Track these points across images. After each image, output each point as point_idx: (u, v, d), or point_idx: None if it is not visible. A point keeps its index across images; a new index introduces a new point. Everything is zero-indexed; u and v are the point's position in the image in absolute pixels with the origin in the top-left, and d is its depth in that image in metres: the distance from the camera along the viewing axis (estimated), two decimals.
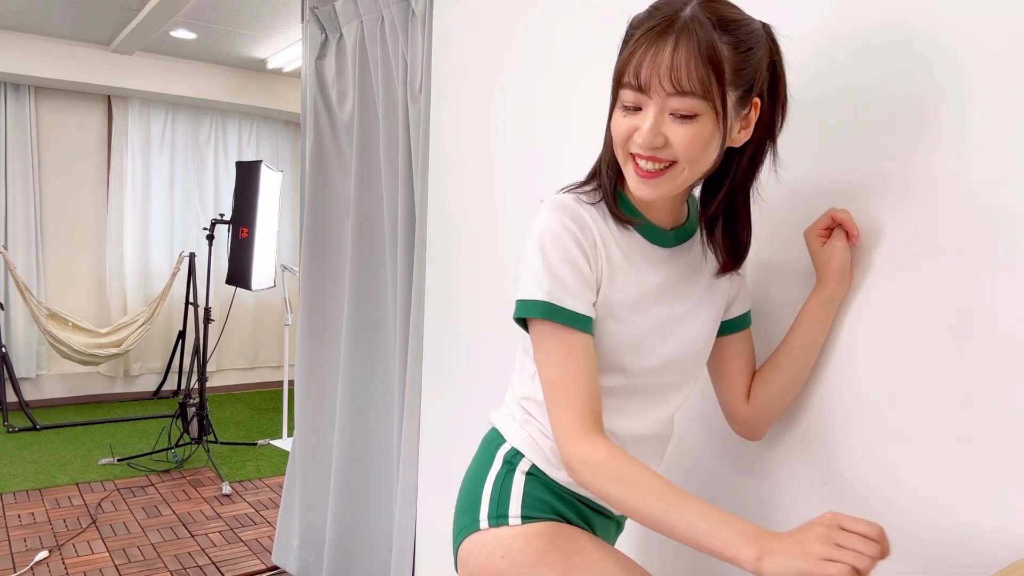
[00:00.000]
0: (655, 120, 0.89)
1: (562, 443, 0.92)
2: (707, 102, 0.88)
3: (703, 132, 0.89)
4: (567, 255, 0.95)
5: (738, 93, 0.91)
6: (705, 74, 0.86)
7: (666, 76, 0.87)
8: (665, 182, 0.93)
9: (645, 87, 0.89)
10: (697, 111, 0.88)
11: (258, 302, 6.30)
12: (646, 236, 1.03)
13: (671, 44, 0.87)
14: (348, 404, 2.50)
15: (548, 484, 1.04)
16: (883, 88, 1.09)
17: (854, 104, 1.13)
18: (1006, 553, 0.95)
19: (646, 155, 0.92)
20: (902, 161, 1.06)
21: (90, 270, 5.71)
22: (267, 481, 4.00)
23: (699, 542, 0.81)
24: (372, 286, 2.49)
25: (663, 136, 0.90)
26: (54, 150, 5.53)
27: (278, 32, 4.78)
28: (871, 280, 1.10)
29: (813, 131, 1.18)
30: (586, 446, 0.90)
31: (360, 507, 2.51)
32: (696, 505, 0.82)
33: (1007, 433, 0.95)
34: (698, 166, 0.93)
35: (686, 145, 0.90)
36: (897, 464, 1.07)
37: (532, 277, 0.96)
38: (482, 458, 1.10)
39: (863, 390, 1.11)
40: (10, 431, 4.76)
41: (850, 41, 1.13)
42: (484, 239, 1.91)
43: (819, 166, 1.18)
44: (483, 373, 1.91)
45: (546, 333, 0.95)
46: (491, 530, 1.02)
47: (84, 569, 2.90)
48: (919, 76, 1.05)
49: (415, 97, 2.19)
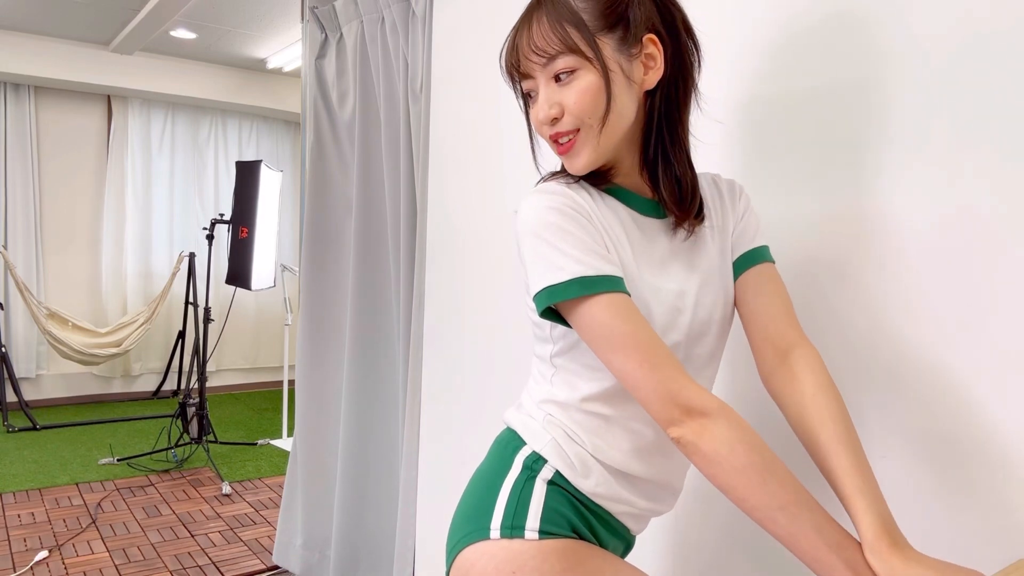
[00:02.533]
0: (544, 93, 0.92)
1: (663, 418, 0.86)
2: (575, 54, 0.89)
3: (587, 85, 0.90)
4: (567, 228, 0.91)
5: (616, 35, 0.91)
6: (561, 29, 0.89)
7: (531, 51, 0.91)
8: (584, 146, 0.93)
9: (525, 70, 0.93)
10: (572, 66, 0.90)
11: (258, 302, 6.30)
12: (634, 207, 1.00)
13: (532, 23, 0.92)
14: (352, 402, 2.50)
15: (570, 495, 0.97)
16: (879, 86, 1.09)
17: (846, 101, 1.13)
18: (1006, 553, 0.95)
19: (552, 133, 0.94)
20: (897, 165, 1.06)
21: (90, 270, 5.71)
22: (267, 481, 4.00)
23: (800, 554, 0.81)
24: (374, 285, 2.49)
25: (557, 105, 0.92)
26: (54, 150, 5.53)
27: (278, 32, 4.78)
28: (871, 279, 1.10)
29: (812, 132, 1.18)
30: (695, 422, 0.84)
31: (366, 506, 2.51)
32: (817, 516, 0.81)
33: (1007, 433, 0.95)
34: (609, 121, 0.92)
35: (576, 102, 0.91)
36: (897, 464, 1.07)
37: (544, 263, 0.90)
38: (497, 461, 1.02)
39: (863, 390, 1.11)
40: (10, 431, 4.76)
41: (844, 31, 1.13)
42: (484, 239, 1.91)
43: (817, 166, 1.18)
44: (483, 372, 1.91)
45: (588, 309, 0.88)
46: (502, 541, 0.94)
47: (84, 569, 2.90)
48: (919, 77, 1.05)
49: (416, 97, 2.19)
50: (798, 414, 0.95)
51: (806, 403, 0.95)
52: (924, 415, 1.04)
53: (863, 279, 1.11)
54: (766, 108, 1.25)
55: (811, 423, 0.93)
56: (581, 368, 0.99)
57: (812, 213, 1.18)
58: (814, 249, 1.18)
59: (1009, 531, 0.95)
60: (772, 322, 1.01)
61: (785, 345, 1.00)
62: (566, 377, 1.00)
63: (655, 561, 1.44)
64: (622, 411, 0.99)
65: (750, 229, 1.06)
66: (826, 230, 1.16)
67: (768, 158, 1.25)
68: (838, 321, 1.14)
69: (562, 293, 0.89)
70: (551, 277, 0.89)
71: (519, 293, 1.79)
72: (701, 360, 1.02)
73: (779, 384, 0.99)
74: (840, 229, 1.15)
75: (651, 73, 0.94)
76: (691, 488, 1.38)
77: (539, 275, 0.91)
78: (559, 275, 0.89)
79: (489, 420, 1.90)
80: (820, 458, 0.92)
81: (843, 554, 0.80)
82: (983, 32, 0.99)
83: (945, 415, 1.02)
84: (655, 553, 1.44)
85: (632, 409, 0.99)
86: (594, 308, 0.88)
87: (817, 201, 1.18)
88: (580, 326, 0.90)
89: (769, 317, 1.01)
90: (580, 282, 0.88)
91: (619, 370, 0.88)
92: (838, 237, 1.15)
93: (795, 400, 0.96)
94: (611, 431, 0.98)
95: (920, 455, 1.04)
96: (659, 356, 0.86)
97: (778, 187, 1.23)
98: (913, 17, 1.06)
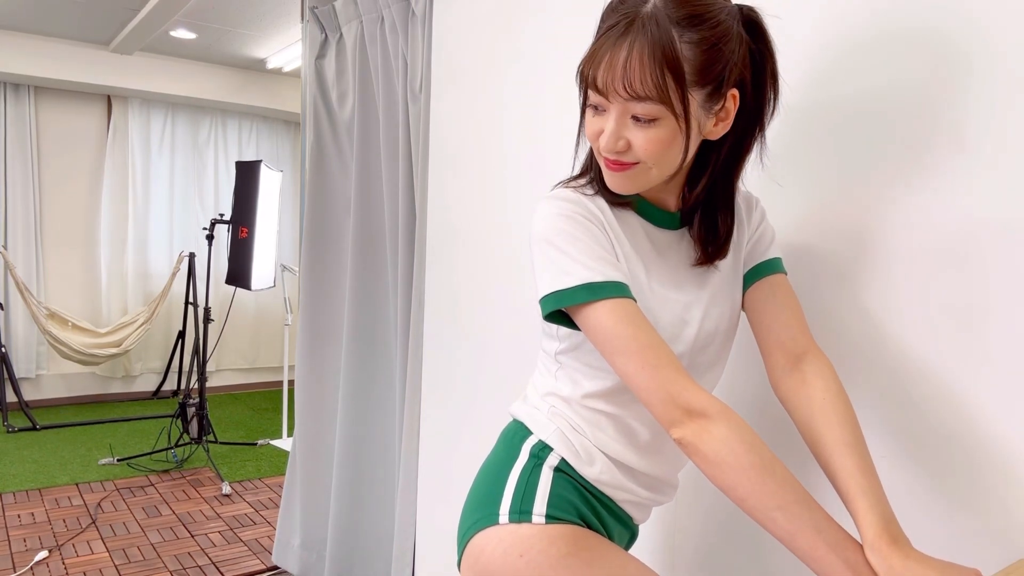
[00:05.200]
0: (615, 125, 0.89)
1: (665, 419, 0.86)
2: (665, 106, 0.85)
3: (664, 136, 0.88)
4: (577, 235, 0.92)
5: (706, 91, 0.88)
6: (660, 77, 0.84)
7: (620, 81, 0.85)
8: (635, 177, 0.93)
9: (604, 91, 0.88)
10: (656, 115, 0.86)
11: (258, 302, 6.30)
12: (650, 219, 1.01)
13: (627, 47, 0.85)
14: (350, 403, 2.50)
15: (576, 482, 1.00)
16: (886, 92, 1.09)
17: (857, 107, 1.13)
18: (1006, 553, 0.95)
19: (611, 159, 0.92)
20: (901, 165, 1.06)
21: (90, 270, 5.71)
22: (267, 481, 4.00)
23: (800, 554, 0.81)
24: (373, 286, 2.49)
25: (625, 140, 0.89)
26: (54, 150, 5.53)
27: (278, 32, 4.78)
28: (871, 280, 1.10)
29: (806, 133, 1.18)
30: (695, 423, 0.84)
31: (363, 507, 2.51)
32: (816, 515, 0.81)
33: (1007, 433, 0.95)
34: (665, 165, 0.92)
35: (647, 149, 0.89)
36: (896, 465, 1.07)
37: (554, 268, 0.92)
38: (505, 450, 1.05)
39: (862, 390, 1.11)
40: (10, 431, 4.76)
41: (844, 41, 1.13)
42: (484, 239, 1.91)
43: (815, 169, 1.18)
44: (483, 372, 1.91)
45: (593, 313, 0.90)
46: (510, 526, 0.96)
47: (84, 569, 2.90)
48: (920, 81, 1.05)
49: (415, 97, 2.19)
50: (807, 417, 0.96)
51: (815, 407, 0.96)
52: (924, 415, 1.04)
53: (863, 279, 1.11)
54: None
55: (819, 425, 0.94)
56: (584, 367, 1.01)
57: (812, 213, 1.18)
58: (814, 249, 1.18)
59: (1009, 531, 0.95)
60: (785, 328, 1.02)
61: (798, 351, 1.01)
62: (570, 374, 1.03)
63: (653, 554, 1.44)
64: (622, 410, 1.01)
65: (764, 241, 1.07)
66: (826, 230, 1.16)
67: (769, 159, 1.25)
68: (838, 321, 1.14)
69: (569, 298, 0.91)
70: (558, 282, 0.91)
71: (519, 293, 1.79)
72: (704, 366, 1.04)
73: (790, 389, 1.00)
74: (840, 229, 1.15)
75: (720, 125, 0.92)
76: (688, 481, 1.38)
77: (547, 280, 0.92)
78: (566, 280, 0.91)
79: (489, 420, 1.89)
80: (825, 459, 0.93)
81: (842, 553, 0.80)
82: (982, 32, 0.99)
83: (945, 415, 1.02)
84: (652, 545, 1.44)
85: (631, 409, 1.01)
86: (599, 312, 0.89)
87: (816, 201, 1.18)
88: (586, 329, 0.92)
89: (782, 324, 1.03)
90: (587, 288, 0.90)
91: (622, 372, 0.89)
92: (838, 237, 1.15)
93: (804, 404, 0.97)
94: (611, 427, 1.01)
95: (920, 455, 1.04)
96: (661, 359, 0.87)
97: (778, 188, 1.23)
98: (912, 20, 1.06)
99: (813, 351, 1.01)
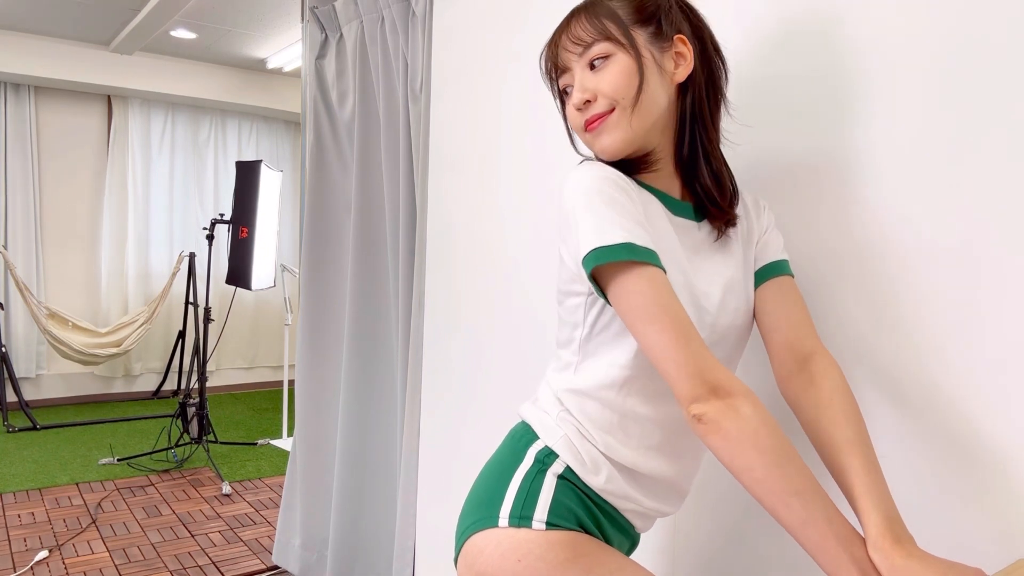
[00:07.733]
0: (579, 80, 0.98)
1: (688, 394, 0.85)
2: (610, 41, 0.96)
3: (621, 68, 0.96)
4: (616, 198, 0.92)
5: (649, 29, 0.97)
6: (598, 21, 0.97)
7: (569, 43, 0.98)
8: (614, 126, 0.97)
9: (563, 63, 1.00)
10: (606, 52, 0.96)
11: (258, 302, 6.30)
12: (670, 208, 1.02)
13: (572, 21, 0.99)
14: (350, 403, 2.50)
15: (579, 491, 0.99)
16: (879, 90, 1.09)
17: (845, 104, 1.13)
18: (1006, 553, 0.95)
19: (586, 118, 0.98)
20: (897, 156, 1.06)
21: (90, 270, 5.71)
22: (267, 481, 4.00)
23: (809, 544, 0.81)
24: (374, 285, 2.49)
25: (590, 90, 0.97)
26: (54, 150, 5.53)
27: (278, 32, 4.78)
28: (870, 280, 1.10)
29: (807, 133, 1.18)
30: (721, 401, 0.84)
31: (364, 506, 2.51)
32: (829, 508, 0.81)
33: (1008, 432, 0.95)
34: (641, 102, 0.96)
35: (609, 82, 0.96)
36: (896, 465, 1.07)
37: (595, 226, 0.90)
38: (509, 452, 1.04)
39: (862, 391, 1.11)
40: (10, 431, 4.76)
41: (845, 41, 1.14)
42: (484, 239, 1.91)
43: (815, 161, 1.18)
44: (483, 372, 1.91)
45: (631, 277, 0.89)
46: (509, 529, 0.96)
47: (84, 569, 2.90)
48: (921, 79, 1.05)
49: (416, 97, 2.19)
50: (813, 417, 0.97)
51: (822, 406, 0.97)
52: (924, 414, 1.04)
53: (863, 279, 1.12)
54: (765, 114, 1.25)
55: (825, 425, 0.95)
56: (607, 357, 1.01)
57: (811, 214, 1.18)
58: (813, 250, 1.18)
59: (1010, 530, 0.95)
60: (792, 329, 1.03)
61: (805, 352, 1.02)
62: (592, 364, 1.02)
63: (653, 557, 1.44)
64: (638, 408, 1.00)
65: (773, 243, 1.09)
66: (825, 230, 1.17)
67: (769, 159, 1.25)
68: (838, 321, 1.14)
69: (610, 255, 0.89)
70: (601, 239, 0.90)
71: (519, 293, 1.79)
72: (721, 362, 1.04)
73: (797, 389, 1.01)
74: (839, 229, 1.15)
75: (681, 68, 0.99)
76: (693, 489, 1.38)
77: (589, 237, 0.91)
78: (609, 237, 0.90)
79: (490, 420, 1.90)
80: (831, 457, 0.93)
81: (850, 549, 0.80)
82: (983, 30, 0.99)
83: (946, 414, 1.02)
84: (653, 549, 1.44)
85: (648, 408, 1.00)
86: (638, 277, 0.89)
87: (816, 202, 1.18)
88: (619, 294, 0.90)
89: (789, 324, 1.04)
90: (628, 247, 0.89)
91: (652, 342, 0.87)
92: (837, 238, 1.15)
93: (811, 404, 0.98)
94: (623, 427, 1.00)
95: (921, 454, 1.04)
96: (692, 334, 0.87)
97: (777, 188, 1.23)
98: (903, 19, 1.06)
99: (820, 352, 1.02)
